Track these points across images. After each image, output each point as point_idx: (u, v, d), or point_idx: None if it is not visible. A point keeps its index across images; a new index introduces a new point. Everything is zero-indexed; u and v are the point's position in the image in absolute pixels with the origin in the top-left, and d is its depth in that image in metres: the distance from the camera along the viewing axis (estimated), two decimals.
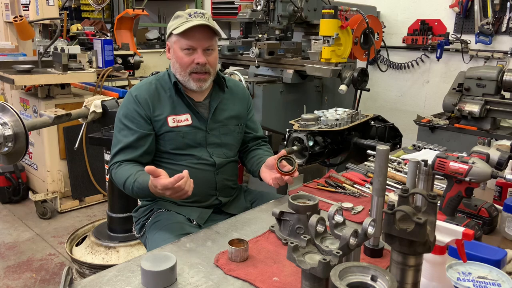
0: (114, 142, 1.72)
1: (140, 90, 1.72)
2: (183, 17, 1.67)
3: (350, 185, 1.79)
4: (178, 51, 1.68)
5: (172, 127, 1.69)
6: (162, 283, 1.08)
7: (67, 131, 3.57)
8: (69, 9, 6.31)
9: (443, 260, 0.97)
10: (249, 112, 1.93)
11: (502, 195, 1.61)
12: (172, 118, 1.69)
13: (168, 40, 1.74)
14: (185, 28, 1.62)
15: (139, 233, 1.80)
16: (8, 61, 3.60)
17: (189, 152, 1.72)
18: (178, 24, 1.66)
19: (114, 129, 1.75)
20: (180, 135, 1.70)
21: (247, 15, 3.58)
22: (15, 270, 2.81)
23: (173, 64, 1.74)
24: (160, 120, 1.69)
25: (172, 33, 1.68)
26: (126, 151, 1.67)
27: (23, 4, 3.63)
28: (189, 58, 1.67)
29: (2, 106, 1.99)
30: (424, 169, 1.34)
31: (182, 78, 1.71)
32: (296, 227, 1.31)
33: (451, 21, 4.08)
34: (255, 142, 1.95)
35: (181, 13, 1.70)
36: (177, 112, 1.71)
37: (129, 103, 1.71)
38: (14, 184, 3.77)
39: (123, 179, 1.60)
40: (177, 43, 1.68)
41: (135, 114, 1.68)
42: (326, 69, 3.05)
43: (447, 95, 3.24)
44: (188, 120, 1.72)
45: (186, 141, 1.71)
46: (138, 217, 1.81)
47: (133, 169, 1.61)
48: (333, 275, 0.79)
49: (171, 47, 1.73)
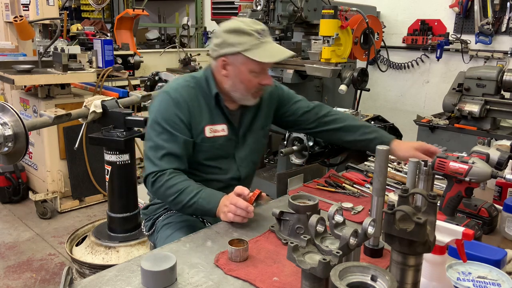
0: (152, 145, 1.57)
1: (180, 93, 1.60)
2: (253, 36, 1.52)
3: (350, 185, 1.79)
4: (246, 73, 1.56)
5: (209, 137, 1.62)
6: (162, 283, 1.08)
7: (67, 131, 3.57)
8: (69, 9, 6.32)
9: (443, 260, 0.97)
10: (286, 101, 1.82)
11: (502, 195, 1.61)
12: (209, 128, 1.62)
13: (227, 58, 1.56)
14: (270, 59, 1.53)
15: (148, 231, 1.78)
16: (8, 61, 3.60)
17: (218, 165, 1.67)
18: (250, 45, 1.52)
19: (149, 130, 1.60)
20: (216, 146, 1.64)
21: (247, 15, 3.58)
22: (15, 270, 2.81)
23: (232, 83, 1.60)
24: (198, 129, 1.60)
25: (240, 53, 1.53)
26: (172, 159, 1.55)
27: (23, 4, 3.63)
28: (256, 79, 1.58)
29: (2, 106, 1.99)
30: (424, 169, 1.34)
31: (241, 96, 1.62)
32: (296, 227, 1.31)
33: (451, 21, 4.08)
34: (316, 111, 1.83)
35: (246, 29, 1.53)
36: (214, 122, 1.63)
37: (168, 105, 1.58)
38: (14, 184, 3.77)
39: (179, 188, 1.50)
40: (247, 65, 1.55)
41: (176, 118, 1.56)
42: (326, 69, 3.05)
43: (447, 95, 3.24)
44: (224, 130, 1.65)
45: (219, 152, 1.65)
46: (149, 214, 1.78)
47: (191, 182, 1.54)
48: (333, 275, 0.79)
49: (231, 65, 1.57)
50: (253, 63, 1.54)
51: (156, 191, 1.56)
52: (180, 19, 6.52)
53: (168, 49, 5.16)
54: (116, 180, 2.63)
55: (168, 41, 6.48)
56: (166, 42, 6.44)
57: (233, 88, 1.61)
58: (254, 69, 1.56)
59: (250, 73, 1.57)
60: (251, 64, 1.54)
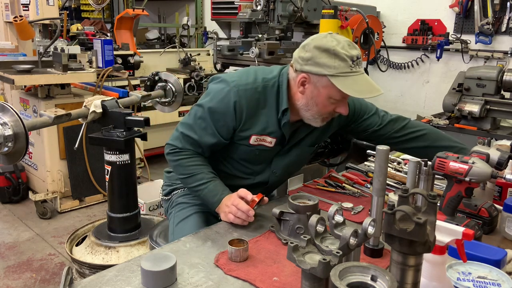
0: (189, 122, 1.56)
1: (244, 96, 1.50)
2: (346, 63, 1.39)
3: (350, 185, 1.79)
4: (324, 98, 1.45)
5: (252, 144, 1.56)
6: (162, 283, 1.08)
7: (67, 131, 3.57)
8: (69, 9, 6.32)
9: (443, 260, 0.97)
10: (358, 115, 1.70)
11: (502, 195, 1.61)
12: (256, 138, 1.55)
13: (309, 76, 1.44)
14: (355, 91, 1.40)
15: (164, 196, 1.80)
16: (8, 61, 3.59)
17: (250, 166, 1.64)
18: (340, 72, 1.39)
19: (195, 108, 1.57)
20: (255, 152, 1.59)
21: (247, 15, 3.59)
22: (15, 270, 2.81)
23: (306, 102, 1.49)
24: (243, 135, 1.55)
25: (326, 76, 1.40)
26: (197, 145, 1.55)
27: (23, 4, 3.63)
28: (333, 106, 1.48)
29: (2, 106, 1.99)
30: (424, 169, 1.34)
31: (310, 117, 1.53)
32: (296, 227, 1.31)
33: (451, 21, 4.08)
34: (393, 128, 1.71)
35: (341, 53, 1.38)
36: (265, 133, 1.55)
37: (226, 103, 1.50)
38: (14, 184, 3.77)
39: (191, 171, 1.53)
40: (329, 90, 1.43)
41: (226, 119, 1.52)
42: None
43: (447, 95, 3.24)
44: (272, 143, 1.58)
45: (257, 157, 1.61)
46: (171, 179, 1.79)
47: (206, 168, 1.55)
48: (333, 275, 0.79)
49: (312, 86, 1.45)
50: (336, 90, 1.41)
51: (170, 162, 1.60)
52: (180, 19, 6.52)
53: (168, 49, 5.16)
54: (116, 180, 2.63)
55: (168, 41, 6.49)
56: (166, 42, 6.44)
57: (305, 108, 1.51)
58: (334, 96, 1.44)
59: (329, 99, 1.46)
60: (334, 90, 1.42)
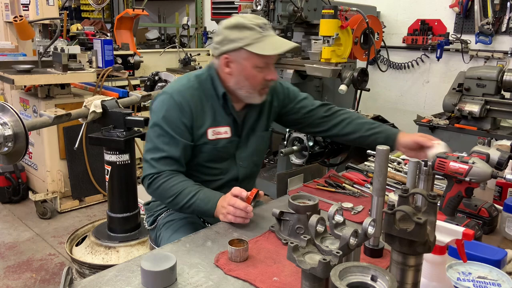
0: (151, 147, 1.56)
1: (184, 95, 1.57)
2: (255, 30, 1.50)
3: (350, 185, 1.79)
4: (250, 69, 1.53)
5: (211, 139, 1.60)
6: (162, 283, 1.08)
7: (67, 131, 3.57)
8: (69, 9, 6.32)
9: (443, 260, 0.97)
10: (290, 99, 1.78)
11: (502, 195, 1.61)
12: (212, 131, 1.60)
13: (229, 54, 1.53)
14: (273, 52, 1.49)
15: (150, 226, 1.79)
16: (8, 61, 3.60)
17: (218, 166, 1.65)
18: (252, 39, 1.49)
19: (150, 131, 1.59)
20: (218, 148, 1.62)
21: None
22: (15, 270, 2.81)
23: (236, 81, 1.57)
24: (200, 132, 1.58)
25: (243, 48, 1.49)
26: (170, 161, 1.55)
27: (23, 4, 3.63)
28: (262, 75, 1.55)
29: (2, 106, 1.99)
30: (424, 169, 1.34)
31: (247, 94, 1.59)
32: (296, 227, 1.31)
33: (451, 21, 4.08)
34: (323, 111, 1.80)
35: (247, 23, 1.50)
36: (217, 124, 1.61)
37: (171, 108, 1.55)
38: (14, 184, 3.77)
39: (176, 191, 1.50)
40: (251, 60, 1.52)
41: (179, 122, 1.55)
42: (326, 69, 3.05)
43: (447, 95, 3.24)
44: (227, 133, 1.62)
45: (220, 154, 1.63)
46: (151, 210, 1.79)
47: (189, 182, 1.53)
48: (333, 275, 0.79)
49: (234, 62, 1.54)
50: (257, 57, 1.51)
51: (153, 192, 1.57)
52: (180, 19, 6.52)
53: (168, 49, 5.16)
54: (116, 180, 2.63)
55: (168, 41, 6.49)
56: (166, 42, 6.44)
57: (238, 86, 1.58)
58: (258, 64, 1.53)
59: (254, 68, 1.53)
60: (255, 58, 1.51)
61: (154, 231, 1.76)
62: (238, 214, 1.41)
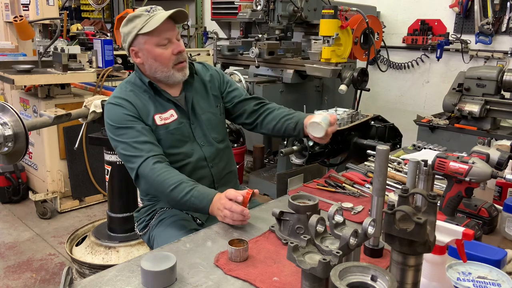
0: (122, 148, 1.61)
1: (121, 98, 1.66)
2: (143, 16, 1.62)
3: (350, 185, 1.79)
4: (154, 49, 1.63)
5: (160, 125, 1.66)
6: (162, 283, 1.08)
7: (67, 131, 3.57)
8: (69, 9, 6.32)
9: (443, 260, 0.97)
10: (224, 86, 1.88)
11: (502, 195, 1.61)
12: (158, 117, 1.67)
13: (133, 46, 1.66)
14: (158, 23, 1.57)
15: (141, 232, 1.82)
16: (8, 61, 3.60)
17: (181, 150, 1.69)
18: (143, 23, 1.61)
19: (111, 139, 1.66)
20: (170, 131, 1.68)
21: (247, 15, 3.59)
22: (15, 270, 2.81)
23: (149, 66, 1.67)
24: (148, 120, 1.65)
25: (138, 34, 1.62)
26: (149, 148, 1.58)
27: (23, 4, 3.63)
28: (168, 51, 1.64)
29: (2, 106, 1.99)
30: (424, 169, 1.34)
31: (165, 74, 1.67)
32: (296, 227, 1.31)
33: (451, 21, 4.08)
34: (253, 104, 1.88)
35: (136, 13, 1.65)
36: (161, 110, 1.68)
37: (114, 110, 1.64)
38: (14, 184, 3.77)
39: (174, 182, 1.52)
40: (150, 42, 1.62)
41: (126, 116, 1.62)
42: (326, 69, 3.05)
43: (447, 95, 3.24)
44: (174, 115, 1.70)
45: (176, 137, 1.69)
46: (140, 217, 1.82)
47: (180, 176, 1.56)
48: (333, 275, 0.79)
49: (140, 50, 1.66)
50: (152, 36, 1.61)
51: (145, 182, 1.57)
52: None
53: None
54: (116, 180, 2.63)
55: None
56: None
57: (153, 70, 1.67)
58: (158, 42, 1.62)
59: (158, 47, 1.63)
60: (152, 38, 1.61)
61: (147, 234, 1.78)
62: (235, 218, 1.41)
